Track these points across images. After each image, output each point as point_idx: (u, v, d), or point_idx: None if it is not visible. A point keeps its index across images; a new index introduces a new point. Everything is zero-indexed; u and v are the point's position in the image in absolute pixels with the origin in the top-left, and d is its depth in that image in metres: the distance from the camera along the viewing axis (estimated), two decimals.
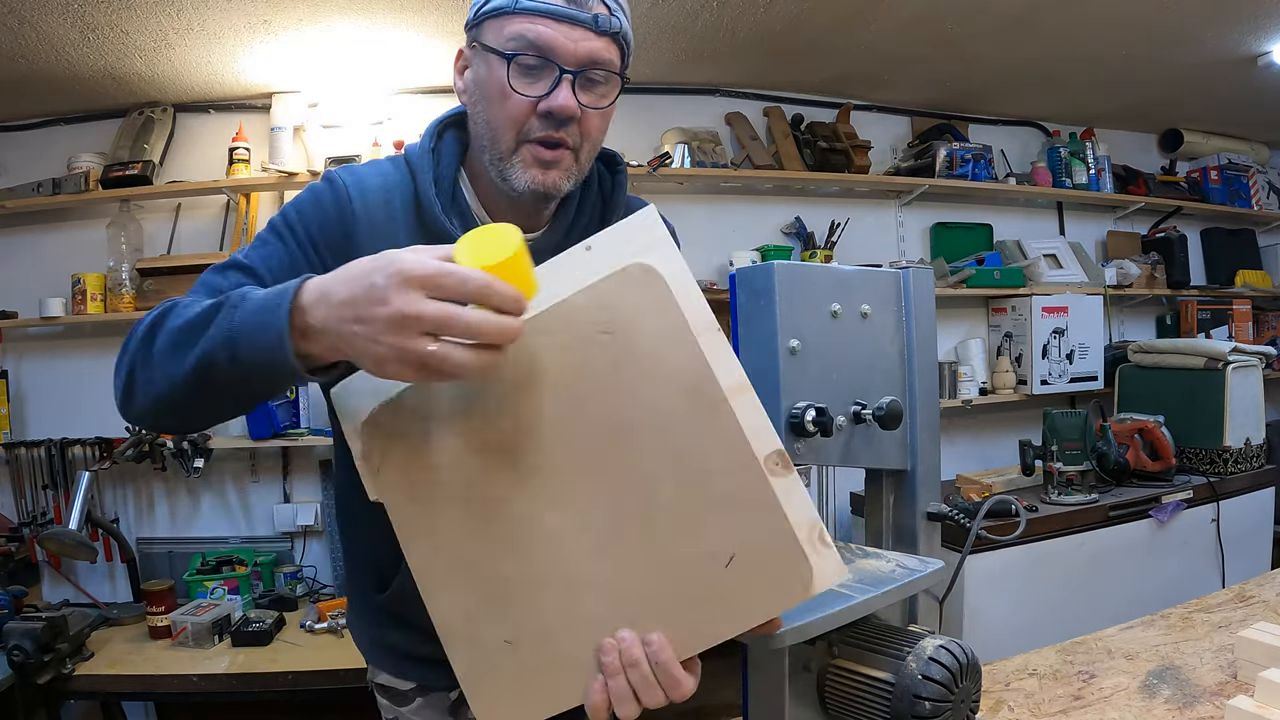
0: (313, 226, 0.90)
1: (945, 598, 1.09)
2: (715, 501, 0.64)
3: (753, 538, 0.63)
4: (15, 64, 2.20)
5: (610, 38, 0.87)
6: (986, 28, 2.49)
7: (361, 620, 1.11)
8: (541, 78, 0.85)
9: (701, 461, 0.64)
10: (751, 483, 0.63)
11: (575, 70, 0.85)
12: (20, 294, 2.47)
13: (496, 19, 0.87)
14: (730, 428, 0.64)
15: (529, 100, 0.86)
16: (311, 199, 0.92)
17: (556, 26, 0.84)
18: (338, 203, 0.91)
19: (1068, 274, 3.27)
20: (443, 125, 0.97)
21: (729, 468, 0.63)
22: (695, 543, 0.64)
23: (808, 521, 0.62)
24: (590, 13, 0.85)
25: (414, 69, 2.55)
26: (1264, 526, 2.93)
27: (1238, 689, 1.10)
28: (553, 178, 0.88)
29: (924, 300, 1.08)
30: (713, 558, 0.63)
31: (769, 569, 0.62)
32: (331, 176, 0.93)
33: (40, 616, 1.90)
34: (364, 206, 0.91)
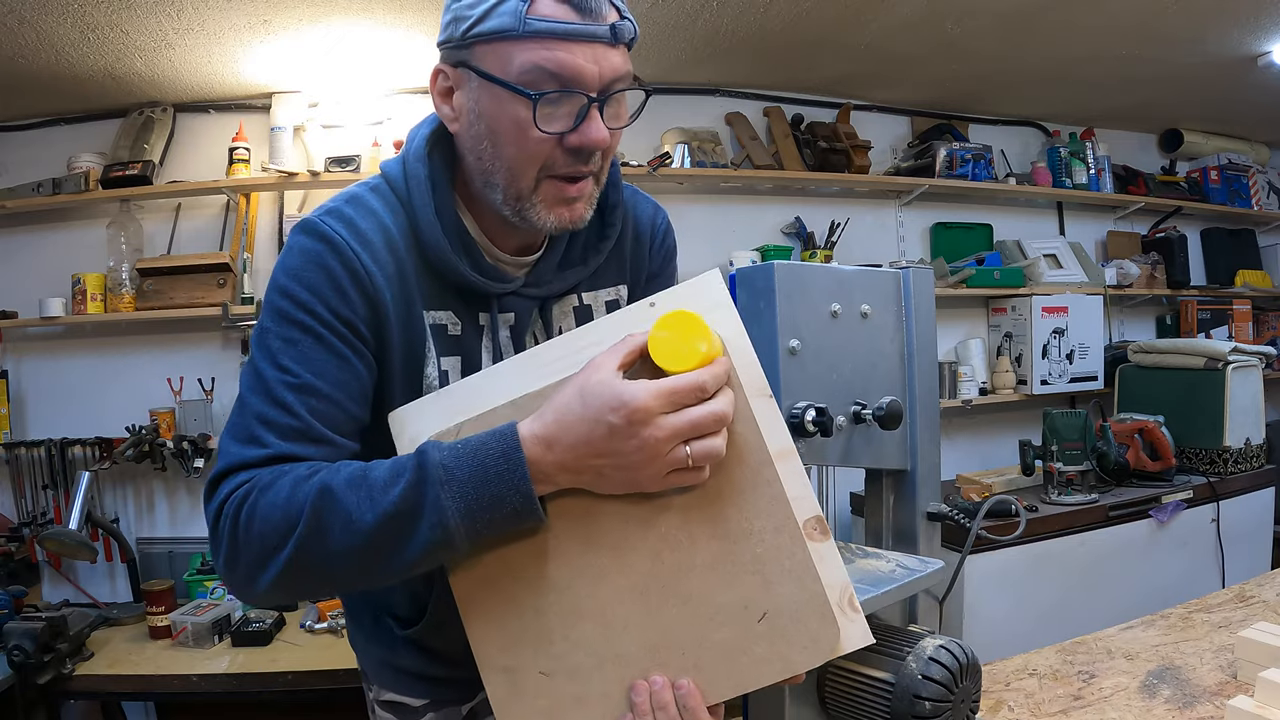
0: (338, 304, 0.78)
1: (945, 598, 1.09)
2: (754, 560, 0.67)
3: (786, 598, 0.66)
4: (15, 64, 2.20)
5: (625, 46, 0.78)
6: (986, 28, 2.49)
7: (370, 643, 1.06)
8: (563, 107, 0.76)
9: (744, 521, 0.67)
10: (790, 546, 0.66)
11: (602, 96, 0.76)
12: (20, 294, 2.47)
13: (496, 43, 0.75)
14: (774, 492, 0.67)
15: (554, 136, 0.76)
16: (315, 266, 0.79)
17: (575, 49, 0.74)
18: (345, 264, 0.79)
19: (1068, 274, 3.27)
20: (432, 141, 0.86)
21: (770, 529, 0.67)
22: (731, 597, 0.67)
23: (840, 585, 0.65)
24: (605, 23, 0.75)
25: (414, 69, 2.55)
26: (1264, 526, 2.93)
27: (1238, 689, 1.10)
28: (579, 211, 0.82)
29: (924, 300, 1.08)
30: (746, 612, 0.67)
31: (799, 628, 0.66)
32: (322, 232, 0.80)
33: (40, 616, 1.90)
34: (375, 261, 0.81)
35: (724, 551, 0.68)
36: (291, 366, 0.76)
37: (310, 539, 0.68)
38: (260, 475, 0.71)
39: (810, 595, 0.65)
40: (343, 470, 0.70)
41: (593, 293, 0.96)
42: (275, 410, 0.74)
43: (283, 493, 0.69)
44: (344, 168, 2.53)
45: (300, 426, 0.74)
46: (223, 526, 0.71)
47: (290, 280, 0.78)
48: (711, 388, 0.65)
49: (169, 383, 2.55)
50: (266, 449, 0.73)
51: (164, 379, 2.55)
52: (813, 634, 0.65)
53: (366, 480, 0.69)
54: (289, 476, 0.71)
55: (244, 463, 0.73)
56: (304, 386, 0.75)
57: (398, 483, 0.67)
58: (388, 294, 0.81)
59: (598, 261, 0.95)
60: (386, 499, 0.67)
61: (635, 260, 1.00)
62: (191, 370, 2.57)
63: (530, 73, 0.74)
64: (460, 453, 0.67)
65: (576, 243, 0.94)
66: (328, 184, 2.58)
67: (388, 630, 1.01)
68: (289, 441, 0.74)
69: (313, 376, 0.76)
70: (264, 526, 0.69)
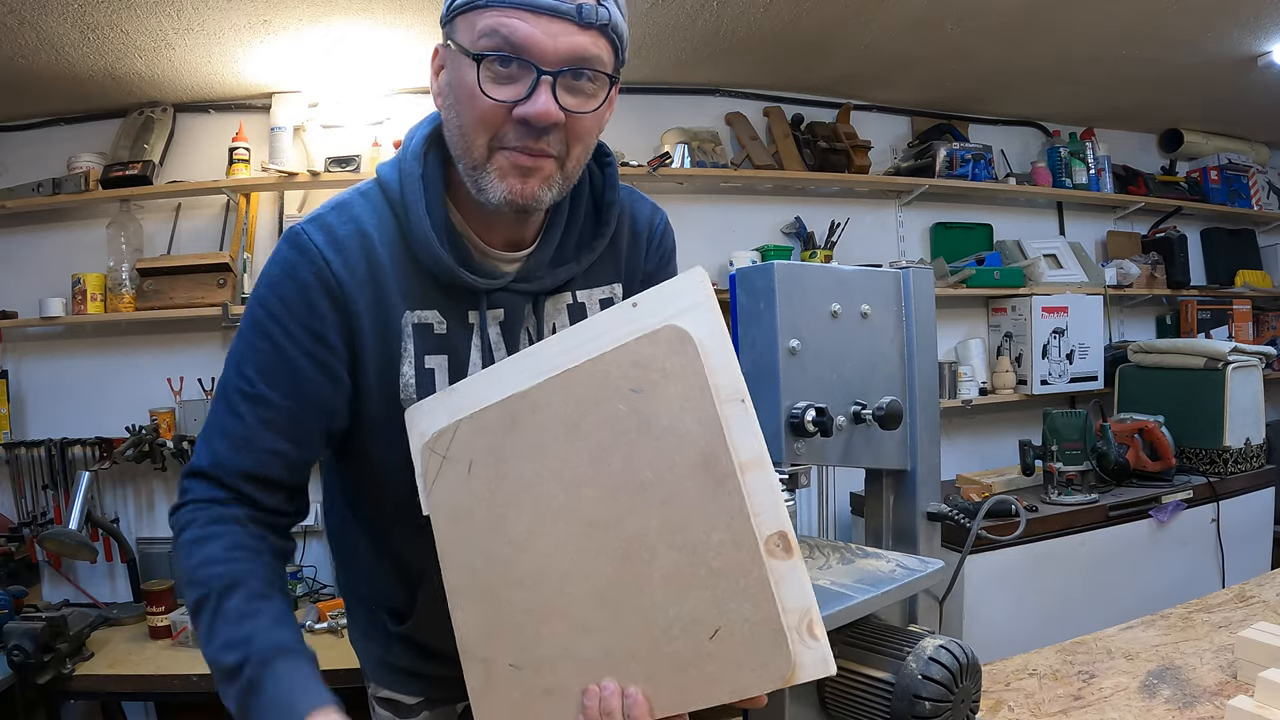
0: (303, 315, 0.83)
1: (945, 598, 1.09)
2: (710, 574, 0.64)
3: (739, 617, 0.63)
4: (15, 64, 2.20)
5: (598, 31, 0.76)
6: (986, 28, 2.49)
7: (368, 641, 1.09)
8: (518, 80, 0.76)
9: (702, 533, 0.65)
10: (745, 562, 0.63)
11: (555, 71, 0.75)
12: (20, 294, 2.47)
13: (469, 13, 0.77)
14: (734, 504, 0.63)
15: (503, 105, 0.76)
16: (286, 276, 0.83)
17: (534, 20, 0.74)
18: (320, 278, 0.82)
19: (1068, 274, 3.27)
20: (427, 143, 0.87)
21: (729, 543, 0.63)
22: (685, 610, 0.65)
23: (799, 610, 0.61)
24: (573, 3, 0.74)
25: (414, 69, 2.55)
26: (1264, 526, 2.93)
27: (1238, 689, 1.10)
28: (531, 188, 0.79)
29: (924, 300, 1.09)
30: (699, 627, 0.64)
31: (751, 650, 0.62)
32: (300, 242, 0.84)
33: (40, 616, 1.90)
34: (345, 266, 0.83)
35: (682, 563, 0.65)
36: (251, 375, 0.83)
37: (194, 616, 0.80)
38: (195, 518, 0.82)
39: (764, 617, 0.61)
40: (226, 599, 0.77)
41: (587, 290, 0.96)
42: (230, 419, 0.83)
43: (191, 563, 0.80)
44: (344, 168, 2.53)
45: (248, 435, 0.82)
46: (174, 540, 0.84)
47: (267, 290, 0.84)
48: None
49: (169, 383, 2.55)
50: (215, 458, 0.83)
51: (164, 379, 2.55)
52: (763, 658, 0.61)
53: (220, 626, 0.77)
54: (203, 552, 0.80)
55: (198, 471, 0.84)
56: (258, 397, 0.82)
57: (228, 654, 0.75)
58: (359, 299, 0.84)
59: (591, 259, 0.94)
60: (217, 660, 0.76)
61: (631, 259, 0.99)
62: (191, 370, 2.57)
63: (486, 38, 0.75)
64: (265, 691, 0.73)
65: (570, 239, 0.93)
66: (328, 184, 2.58)
67: (383, 627, 1.03)
68: (235, 451, 0.83)
69: (267, 388, 0.82)
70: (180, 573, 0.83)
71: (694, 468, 0.65)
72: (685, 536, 0.65)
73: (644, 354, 0.68)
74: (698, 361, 0.65)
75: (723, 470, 0.64)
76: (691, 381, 0.66)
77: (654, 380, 0.67)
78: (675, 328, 0.67)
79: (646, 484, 0.67)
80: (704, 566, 0.64)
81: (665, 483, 0.66)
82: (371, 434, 0.89)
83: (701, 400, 0.65)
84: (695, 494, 0.65)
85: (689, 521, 0.65)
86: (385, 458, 0.89)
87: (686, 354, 0.66)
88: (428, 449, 0.81)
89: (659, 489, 0.66)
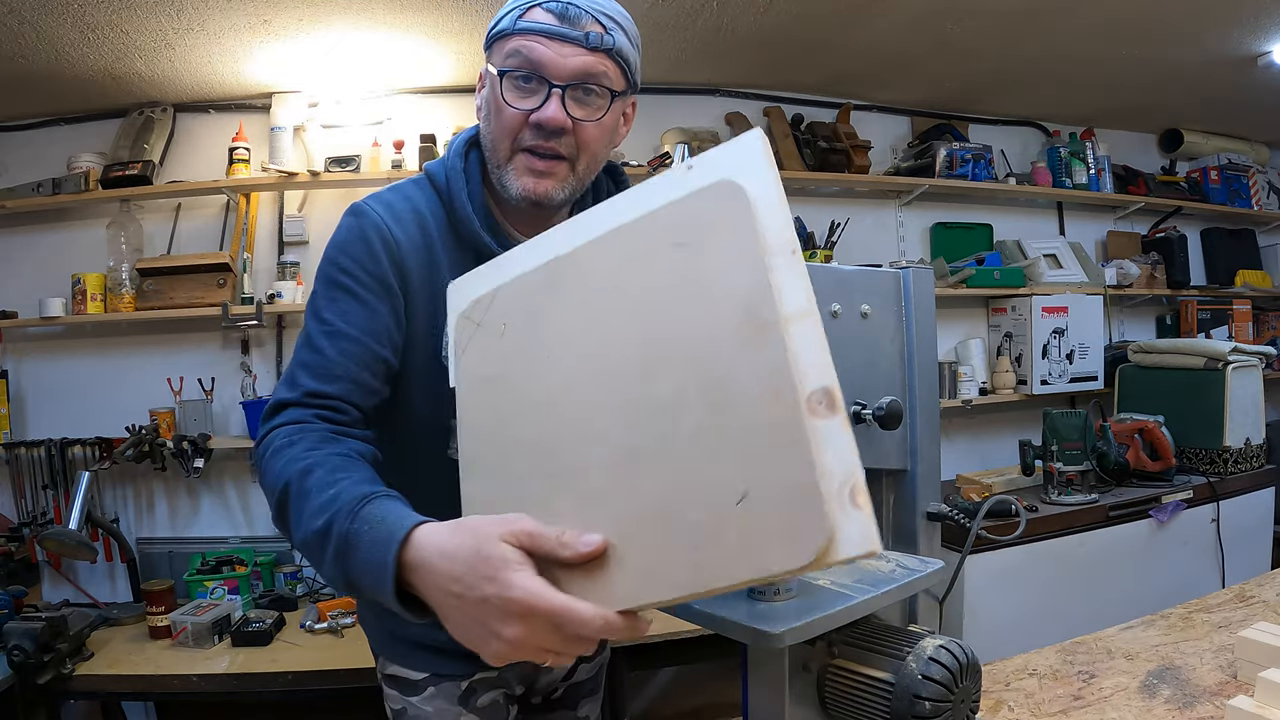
0: (369, 264, 0.95)
1: (945, 598, 1.09)
2: (743, 430, 0.57)
3: (772, 480, 0.55)
4: (15, 64, 2.20)
5: (604, 54, 0.93)
6: (986, 28, 2.49)
7: (374, 612, 1.14)
8: (535, 92, 0.92)
9: (740, 387, 0.58)
10: (783, 418, 0.55)
11: (564, 85, 0.92)
12: (20, 294, 2.47)
13: (500, 40, 0.94)
14: (775, 355, 0.56)
15: (521, 112, 0.93)
16: (352, 236, 0.96)
17: (549, 44, 0.91)
18: (381, 235, 0.96)
19: (1068, 274, 3.27)
20: (468, 144, 1.03)
21: (764, 397, 0.56)
22: (712, 472, 0.58)
23: (842, 474, 0.53)
24: (582, 30, 0.91)
25: (414, 69, 2.55)
26: (1264, 526, 2.93)
27: (1238, 689, 1.10)
28: (545, 186, 0.95)
29: (924, 300, 1.08)
30: (725, 491, 0.57)
31: (782, 518, 0.54)
32: (361, 209, 0.98)
33: (40, 616, 1.90)
34: (403, 231, 0.97)
35: (714, 421, 0.58)
36: (329, 319, 0.93)
37: (277, 519, 0.82)
38: (279, 433, 0.85)
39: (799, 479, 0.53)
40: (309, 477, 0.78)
41: None
42: (312, 355, 0.91)
43: (276, 466, 0.82)
44: (344, 168, 2.53)
45: (329, 366, 0.90)
46: (258, 463, 0.87)
47: (335, 251, 0.97)
48: (591, 635, 0.60)
49: (169, 383, 2.55)
50: (299, 389, 0.89)
51: (164, 379, 2.55)
52: (795, 528, 0.53)
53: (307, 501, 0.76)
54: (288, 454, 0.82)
55: (282, 402, 0.89)
56: (338, 332, 0.92)
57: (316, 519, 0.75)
58: (411, 261, 0.97)
59: None
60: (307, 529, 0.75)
61: None
62: (191, 370, 2.57)
63: (510, 58, 0.92)
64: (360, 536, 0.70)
65: None
66: (328, 184, 2.58)
67: None
68: (318, 381, 0.89)
69: (346, 324, 0.92)
70: (265, 484, 0.84)
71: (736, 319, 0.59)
72: (720, 392, 0.59)
73: (693, 209, 0.64)
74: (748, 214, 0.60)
75: (764, 319, 0.57)
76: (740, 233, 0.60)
77: (701, 235, 0.63)
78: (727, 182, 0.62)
79: (685, 339, 0.62)
80: (737, 423, 0.57)
81: (705, 337, 0.61)
82: (410, 384, 0.99)
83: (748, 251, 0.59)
84: (734, 346, 0.59)
85: (726, 375, 0.59)
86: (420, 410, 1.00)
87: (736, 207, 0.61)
88: (463, 318, 0.79)
89: (698, 344, 0.61)
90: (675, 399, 0.61)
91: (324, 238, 2.66)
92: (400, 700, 1.11)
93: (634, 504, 0.62)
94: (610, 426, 0.65)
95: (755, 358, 0.57)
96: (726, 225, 0.61)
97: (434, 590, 0.65)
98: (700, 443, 0.59)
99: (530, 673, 1.18)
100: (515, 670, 1.15)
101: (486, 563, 0.61)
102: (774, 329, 0.57)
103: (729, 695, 1.01)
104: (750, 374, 0.57)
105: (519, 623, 0.60)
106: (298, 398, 0.88)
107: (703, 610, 0.84)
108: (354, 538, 0.70)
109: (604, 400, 0.66)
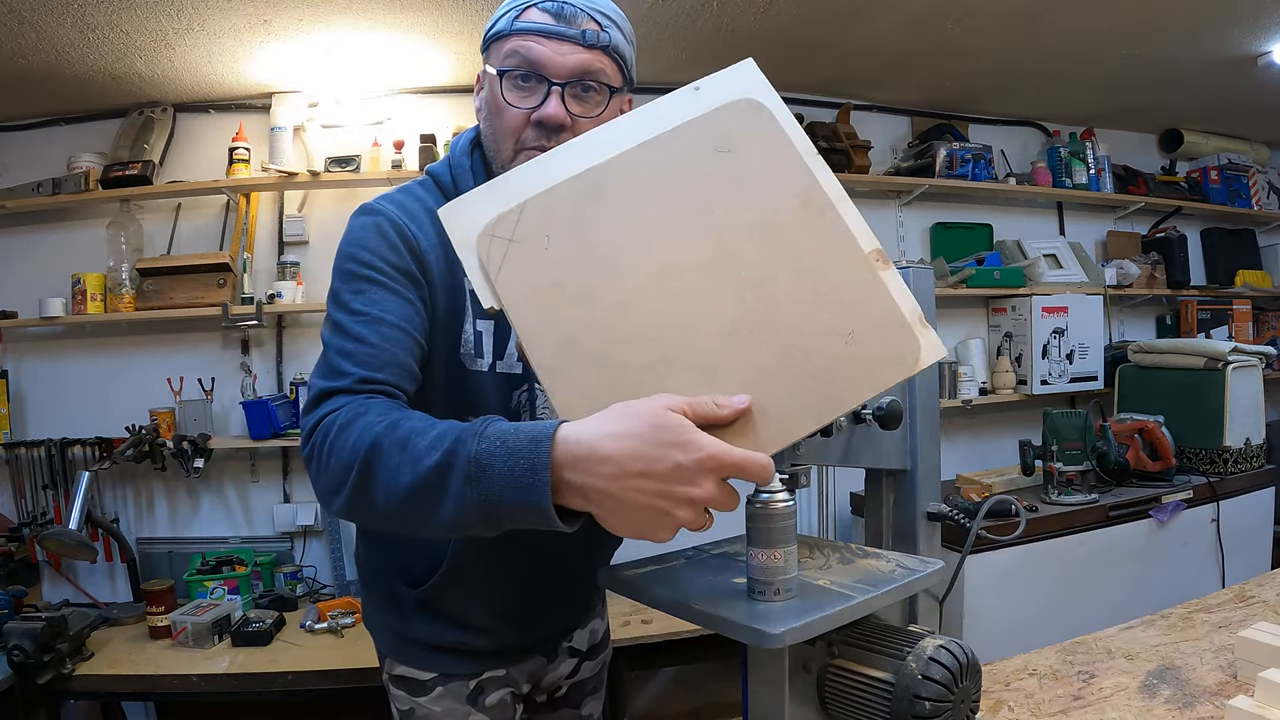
0: (392, 258, 0.93)
1: (945, 598, 1.09)
2: (832, 290, 0.73)
3: (868, 319, 0.72)
4: (15, 64, 2.20)
5: (601, 51, 0.94)
6: (986, 28, 2.49)
7: (383, 613, 1.14)
8: (534, 91, 0.93)
9: (816, 258, 0.73)
10: (861, 275, 0.73)
11: (564, 82, 0.93)
12: (20, 294, 2.47)
13: (498, 41, 0.95)
14: (839, 229, 0.74)
15: (523, 112, 0.94)
16: (371, 233, 0.94)
17: (546, 43, 0.92)
18: (396, 229, 0.95)
19: (1068, 274, 3.27)
20: (473, 144, 1.04)
21: (840, 262, 0.73)
22: (817, 325, 0.72)
23: (910, 306, 0.71)
24: (578, 29, 0.93)
25: (414, 69, 2.55)
26: (1264, 526, 2.93)
27: (1238, 689, 1.10)
28: None
29: (924, 300, 1.08)
30: (834, 337, 0.72)
31: (883, 345, 0.71)
32: (374, 208, 0.97)
33: (40, 616, 1.90)
34: (419, 229, 0.96)
35: (805, 287, 0.73)
36: (362, 309, 0.89)
37: (361, 486, 0.74)
38: (342, 412, 0.79)
39: (888, 314, 0.71)
40: (401, 426, 0.74)
41: None
42: (353, 344, 0.86)
43: (350, 438, 0.76)
44: (344, 168, 2.53)
45: (375, 352, 0.86)
46: (313, 451, 0.79)
47: (353, 247, 0.94)
48: (764, 478, 0.67)
49: (169, 383, 2.55)
50: (348, 377, 0.83)
51: (164, 379, 2.55)
52: (896, 349, 0.71)
53: (410, 444, 0.72)
54: (361, 421, 0.76)
55: (330, 390, 0.82)
56: (376, 319, 0.88)
57: (432, 454, 0.70)
58: (431, 258, 0.96)
59: None
60: (420, 469, 0.70)
61: None
62: (191, 370, 2.57)
63: (509, 58, 0.94)
64: (494, 453, 0.67)
65: None
66: (328, 184, 2.58)
67: (401, 596, 1.08)
68: (367, 369, 0.84)
69: (382, 312, 0.89)
70: (334, 464, 0.76)
71: (795, 206, 0.74)
72: (801, 262, 0.74)
73: (724, 122, 0.77)
74: (775, 124, 0.76)
75: (821, 203, 0.74)
76: (774, 140, 0.76)
77: (738, 142, 0.76)
78: (750, 100, 0.77)
79: (753, 225, 0.75)
80: (825, 284, 0.73)
81: (771, 222, 0.74)
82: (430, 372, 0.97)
83: (787, 153, 0.75)
84: (801, 227, 0.74)
85: (802, 250, 0.74)
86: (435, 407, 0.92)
87: (763, 119, 0.76)
88: (487, 236, 0.77)
89: (766, 228, 0.74)
90: (762, 275, 0.74)
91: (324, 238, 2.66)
92: (408, 701, 1.11)
93: (755, 365, 0.72)
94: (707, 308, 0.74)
95: (821, 233, 0.74)
96: (761, 134, 0.76)
97: (604, 479, 0.64)
98: (800, 304, 0.73)
99: (537, 671, 1.18)
100: (523, 668, 1.16)
101: (668, 430, 0.64)
102: (831, 209, 0.74)
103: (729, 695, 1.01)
104: (822, 246, 0.74)
105: (710, 479, 0.64)
106: (349, 385, 0.83)
107: (703, 610, 0.84)
108: (487, 457, 0.67)
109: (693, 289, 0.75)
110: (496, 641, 1.11)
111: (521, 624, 1.12)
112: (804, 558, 0.99)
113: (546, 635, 1.18)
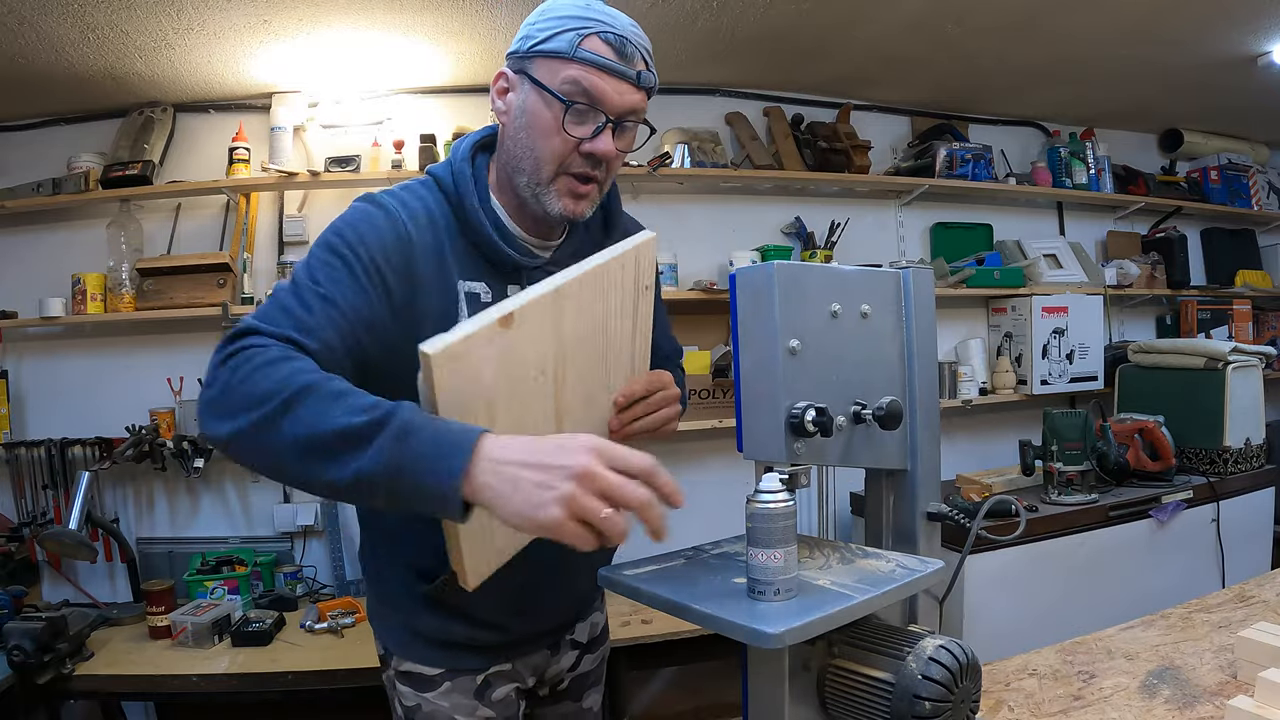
0: (376, 252, 0.94)
1: (945, 598, 1.09)
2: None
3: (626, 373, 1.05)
4: (15, 64, 2.20)
5: (646, 92, 1.00)
6: (986, 28, 2.49)
7: (390, 608, 1.15)
8: (587, 121, 0.97)
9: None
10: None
11: (617, 119, 0.98)
12: (20, 294, 2.47)
13: (552, 60, 0.96)
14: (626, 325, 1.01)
15: (575, 140, 0.97)
16: (366, 221, 0.96)
17: (607, 79, 0.96)
18: (393, 226, 0.97)
19: (1068, 274, 3.27)
20: (475, 148, 1.07)
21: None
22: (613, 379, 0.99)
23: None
24: (635, 69, 0.97)
25: (414, 69, 2.55)
26: (1264, 526, 2.93)
27: (1238, 689, 1.10)
28: (582, 207, 1.03)
29: (924, 300, 1.08)
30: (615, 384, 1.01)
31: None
32: (378, 200, 0.99)
33: (40, 616, 1.90)
34: (415, 228, 0.98)
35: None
36: (322, 281, 0.91)
37: (275, 415, 0.75)
38: (273, 347, 0.81)
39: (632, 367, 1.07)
40: (338, 383, 0.78)
41: None
42: (299, 306, 0.87)
43: (281, 370, 0.78)
44: (344, 168, 2.53)
45: (312, 324, 0.86)
46: (223, 368, 0.80)
47: (343, 225, 0.97)
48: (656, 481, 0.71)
49: (169, 383, 2.55)
50: (280, 328, 0.84)
51: (164, 379, 2.55)
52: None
53: (346, 398, 0.75)
54: (297, 363, 0.79)
55: (259, 329, 0.83)
56: (327, 297, 0.89)
57: (370, 411, 0.73)
58: (423, 262, 0.98)
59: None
60: (354, 415, 0.73)
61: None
62: (191, 370, 2.57)
63: (570, 85, 0.96)
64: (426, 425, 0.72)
65: (589, 239, 1.14)
66: (328, 184, 2.58)
67: (409, 590, 1.09)
68: (299, 333, 0.85)
69: (337, 294, 0.90)
70: (250, 385, 0.77)
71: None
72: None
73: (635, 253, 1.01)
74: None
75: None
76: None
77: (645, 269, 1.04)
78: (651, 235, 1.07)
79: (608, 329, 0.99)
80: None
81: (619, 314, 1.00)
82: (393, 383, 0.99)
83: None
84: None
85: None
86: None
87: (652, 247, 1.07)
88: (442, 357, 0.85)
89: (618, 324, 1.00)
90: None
91: None
92: (415, 697, 1.11)
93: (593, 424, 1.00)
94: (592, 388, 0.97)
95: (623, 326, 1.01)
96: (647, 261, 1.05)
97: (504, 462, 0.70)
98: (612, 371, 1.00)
99: (541, 664, 1.20)
100: (528, 662, 1.17)
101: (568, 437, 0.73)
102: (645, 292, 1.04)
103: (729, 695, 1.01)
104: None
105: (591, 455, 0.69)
106: (280, 333, 0.84)
107: (703, 610, 0.84)
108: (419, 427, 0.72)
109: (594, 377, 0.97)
110: (504, 635, 1.13)
111: (528, 617, 1.14)
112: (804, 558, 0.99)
113: (551, 628, 1.20)
